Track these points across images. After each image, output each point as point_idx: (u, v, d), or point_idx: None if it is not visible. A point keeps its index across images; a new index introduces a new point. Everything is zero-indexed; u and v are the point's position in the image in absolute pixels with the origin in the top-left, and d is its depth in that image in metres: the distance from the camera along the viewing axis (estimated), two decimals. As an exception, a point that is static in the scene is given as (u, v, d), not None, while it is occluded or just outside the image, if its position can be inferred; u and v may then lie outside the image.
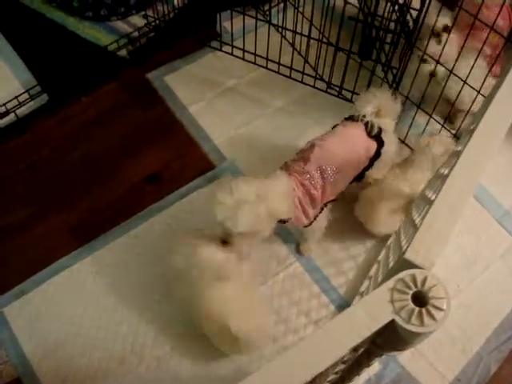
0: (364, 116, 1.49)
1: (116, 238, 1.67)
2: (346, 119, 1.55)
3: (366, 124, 1.49)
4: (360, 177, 1.55)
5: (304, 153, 1.47)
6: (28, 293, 1.59)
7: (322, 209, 1.51)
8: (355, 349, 0.73)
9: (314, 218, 1.48)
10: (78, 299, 1.59)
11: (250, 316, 1.37)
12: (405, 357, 1.47)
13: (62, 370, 1.49)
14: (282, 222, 1.41)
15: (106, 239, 1.66)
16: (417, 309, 0.64)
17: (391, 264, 1.05)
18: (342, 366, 0.84)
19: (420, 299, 0.65)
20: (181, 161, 1.80)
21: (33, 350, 1.52)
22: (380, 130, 1.51)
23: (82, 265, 1.63)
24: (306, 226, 1.50)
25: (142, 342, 1.52)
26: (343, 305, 1.58)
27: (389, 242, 1.61)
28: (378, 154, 1.51)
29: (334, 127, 1.55)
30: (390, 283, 0.66)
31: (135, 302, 1.57)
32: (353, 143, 1.49)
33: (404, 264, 0.68)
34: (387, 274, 0.78)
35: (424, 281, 0.65)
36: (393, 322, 0.64)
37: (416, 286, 0.65)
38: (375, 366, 1.45)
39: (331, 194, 1.49)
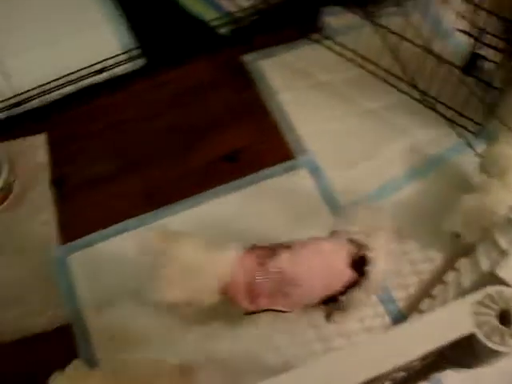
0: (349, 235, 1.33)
1: (185, 209, 1.68)
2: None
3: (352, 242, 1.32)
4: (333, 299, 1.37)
5: (277, 248, 1.32)
6: (94, 245, 1.63)
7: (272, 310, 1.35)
8: (424, 357, 0.71)
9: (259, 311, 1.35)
10: (138, 261, 1.61)
11: None
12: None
13: (112, 326, 1.52)
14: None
15: (175, 209, 1.68)
16: (500, 326, 0.61)
17: (466, 283, 1.02)
18: (401, 373, 0.82)
19: (505, 318, 0.62)
20: (261, 146, 1.80)
21: (88, 301, 1.55)
22: (363, 260, 1.31)
23: (148, 229, 1.65)
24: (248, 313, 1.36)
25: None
26: (399, 318, 1.54)
27: (458, 264, 1.56)
28: (356, 284, 1.33)
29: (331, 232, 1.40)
30: (477, 296, 0.63)
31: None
32: (328, 264, 1.32)
33: (492, 279, 0.65)
34: (471, 287, 0.75)
35: (512, 300, 0.63)
36: (472, 335, 0.62)
37: (503, 303, 0.62)
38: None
39: (280, 304, 1.32)
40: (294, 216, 1.64)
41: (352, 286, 1.33)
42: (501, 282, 0.65)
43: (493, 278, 0.65)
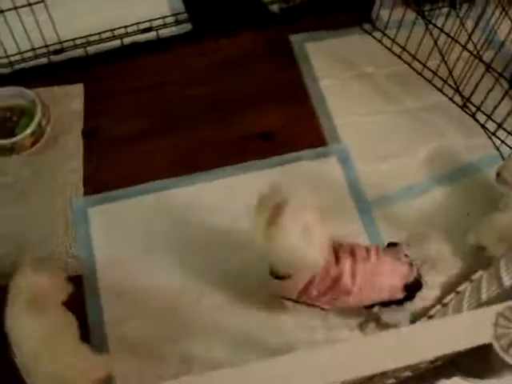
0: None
1: (212, 180, 1.68)
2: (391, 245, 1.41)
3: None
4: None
5: (339, 249, 1.34)
6: (116, 201, 1.64)
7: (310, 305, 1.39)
8: (434, 360, 0.71)
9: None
10: (158, 223, 1.62)
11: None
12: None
13: (122, 283, 1.53)
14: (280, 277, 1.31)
15: (203, 177, 1.68)
16: (520, 341, 0.60)
17: (483, 295, 1.01)
18: (407, 373, 0.82)
19: (525, 333, 0.61)
20: (296, 128, 1.78)
21: (102, 255, 1.57)
22: (416, 286, 1.35)
23: (174, 193, 1.66)
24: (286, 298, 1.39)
25: (203, 285, 1.53)
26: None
27: (474, 276, 1.54)
28: (398, 302, 1.36)
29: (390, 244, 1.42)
30: (499, 308, 0.62)
31: (209, 246, 1.58)
32: (383, 287, 1.33)
33: (517, 293, 0.65)
34: (488, 299, 0.74)
35: (535, 316, 0.62)
36: (489, 346, 0.61)
37: (525, 318, 0.62)
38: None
39: (324, 303, 1.36)
40: (319, 201, 1.63)
41: (396, 303, 1.35)
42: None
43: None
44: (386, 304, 1.36)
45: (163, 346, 1.45)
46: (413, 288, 1.34)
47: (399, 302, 1.35)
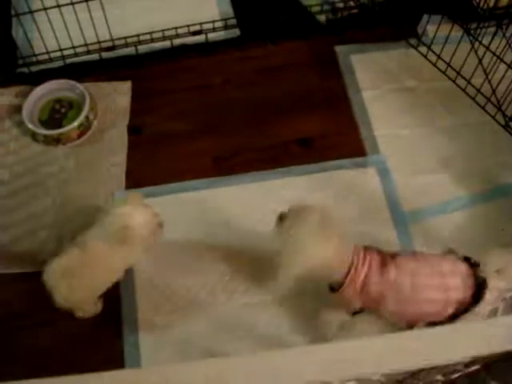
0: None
1: (249, 183, 1.71)
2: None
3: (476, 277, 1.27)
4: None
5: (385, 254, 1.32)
6: (156, 197, 1.66)
7: None
8: (468, 363, 0.72)
9: None
10: (195, 221, 1.65)
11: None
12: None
13: (157, 276, 1.57)
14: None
15: (242, 179, 1.71)
16: (558, 347, 0.61)
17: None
18: (439, 377, 0.83)
19: None
20: (336, 137, 1.80)
21: (139, 247, 1.61)
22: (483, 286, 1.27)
23: (212, 193, 1.69)
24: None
25: (235, 285, 1.55)
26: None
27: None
28: (462, 312, 1.28)
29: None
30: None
31: (242, 246, 1.60)
32: (445, 286, 1.27)
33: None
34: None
35: None
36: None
37: None
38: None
39: (389, 304, 1.29)
40: (356, 211, 1.65)
41: (463, 311, 1.29)
42: None
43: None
44: (454, 317, 1.29)
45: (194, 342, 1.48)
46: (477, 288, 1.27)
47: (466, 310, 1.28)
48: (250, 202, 1.68)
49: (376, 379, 0.86)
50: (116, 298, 1.52)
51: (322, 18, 2.03)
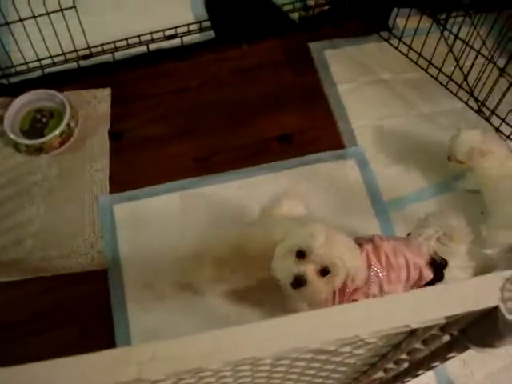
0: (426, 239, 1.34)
1: (230, 180, 1.74)
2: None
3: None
4: None
5: (361, 240, 1.36)
6: (140, 199, 1.70)
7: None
8: (445, 327, 0.75)
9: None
10: (179, 222, 1.68)
11: None
12: None
13: (145, 277, 1.59)
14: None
15: (224, 178, 1.74)
16: (525, 304, 0.64)
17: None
18: (420, 346, 0.85)
19: (531, 298, 0.65)
20: (315, 131, 1.84)
21: (127, 250, 1.63)
22: (442, 263, 1.36)
23: (194, 193, 1.72)
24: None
25: (217, 278, 1.57)
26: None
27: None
28: (431, 283, 1.37)
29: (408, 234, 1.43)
30: (507, 273, 0.66)
31: (224, 242, 1.61)
32: (407, 259, 1.34)
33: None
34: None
35: (540, 282, 0.66)
36: (496, 308, 0.65)
37: (531, 284, 0.66)
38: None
39: (362, 294, 1.33)
40: (338, 202, 1.69)
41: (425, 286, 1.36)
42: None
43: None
44: None
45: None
46: (439, 265, 1.36)
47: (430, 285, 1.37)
48: (233, 199, 1.71)
49: (360, 353, 0.89)
50: (106, 306, 1.54)
51: (295, 15, 2.06)
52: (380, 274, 1.32)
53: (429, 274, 1.36)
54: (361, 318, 0.63)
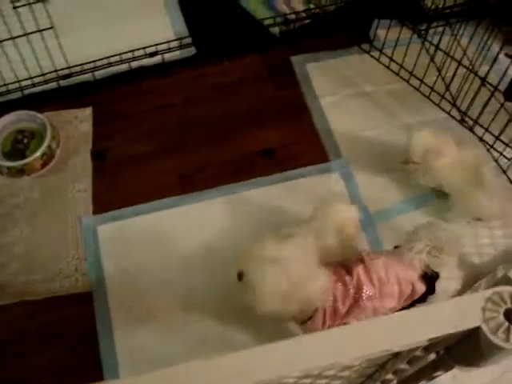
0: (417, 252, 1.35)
1: (217, 197, 1.73)
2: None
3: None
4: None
5: (350, 263, 1.36)
6: (124, 219, 1.68)
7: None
8: (429, 348, 0.74)
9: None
10: (164, 241, 1.66)
11: None
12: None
13: (131, 299, 1.57)
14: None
15: (209, 195, 1.73)
16: (506, 324, 0.64)
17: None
18: (405, 366, 0.85)
19: (512, 317, 0.65)
20: (298, 145, 1.83)
21: (111, 272, 1.61)
22: (434, 276, 1.37)
23: (179, 211, 1.71)
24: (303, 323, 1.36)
25: (206, 302, 1.55)
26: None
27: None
28: (422, 299, 1.39)
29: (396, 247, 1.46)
30: (487, 293, 0.66)
31: (213, 262, 1.61)
32: (399, 275, 1.35)
33: (504, 281, 0.68)
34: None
35: (521, 301, 0.65)
36: (478, 329, 0.64)
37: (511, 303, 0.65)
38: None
39: (353, 318, 1.33)
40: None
41: (418, 301, 1.38)
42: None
43: (505, 280, 0.68)
44: (411, 306, 1.39)
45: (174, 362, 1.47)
46: (431, 278, 1.37)
47: (423, 299, 1.38)
48: (218, 216, 1.70)
49: (346, 374, 0.88)
50: (92, 329, 1.52)
51: (276, 30, 2.06)
52: (372, 295, 1.32)
53: (421, 288, 1.37)
54: (340, 345, 0.62)
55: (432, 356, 0.79)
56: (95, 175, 1.77)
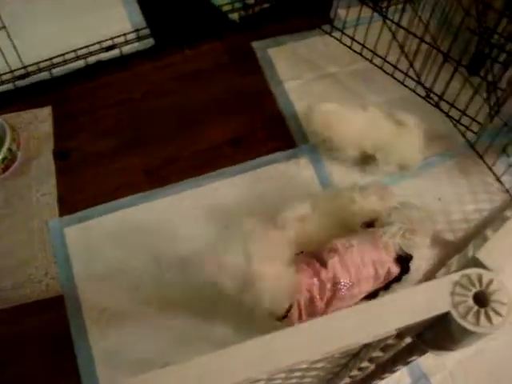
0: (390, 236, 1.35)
1: (185, 190, 1.70)
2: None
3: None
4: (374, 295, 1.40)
5: (323, 254, 1.34)
6: (91, 219, 1.64)
7: None
8: (400, 335, 0.73)
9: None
10: (133, 239, 1.63)
11: None
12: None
13: (103, 300, 1.54)
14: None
15: (176, 189, 1.70)
16: (475, 307, 0.62)
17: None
18: (379, 353, 0.83)
19: (481, 300, 0.63)
20: (265, 132, 1.81)
21: (81, 273, 1.57)
22: (408, 257, 1.38)
23: (147, 207, 1.67)
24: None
25: (179, 299, 1.53)
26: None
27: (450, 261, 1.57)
28: (397, 279, 1.39)
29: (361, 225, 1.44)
30: (455, 277, 0.64)
31: (185, 256, 1.57)
32: (374, 260, 1.34)
33: (473, 262, 0.67)
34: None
35: (489, 283, 0.63)
36: (448, 314, 0.63)
37: (480, 285, 0.63)
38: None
39: (336, 308, 1.32)
40: (294, 203, 1.65)
41: (393, 281, 1.38)
42: (480, 265, 0.66)
43: (474, 262, 0.67)
44: (386, 287, 1.39)
45: (151, 360, 1.45)
46: (405, 259, 1.37)
47: (398, 279, 1.38)
48: (186, 209, 1.67)
49: (320, 366, 0.86)
50: (66, 333, 1.49)
51: (235, 15, 2.03)
52: (350, 285, 1.31)
53: (396, 270, 1.37)
54: (308, 340, 0.61)
55: (407, 340, 0.78)
56: (59, 176, 1.72)
